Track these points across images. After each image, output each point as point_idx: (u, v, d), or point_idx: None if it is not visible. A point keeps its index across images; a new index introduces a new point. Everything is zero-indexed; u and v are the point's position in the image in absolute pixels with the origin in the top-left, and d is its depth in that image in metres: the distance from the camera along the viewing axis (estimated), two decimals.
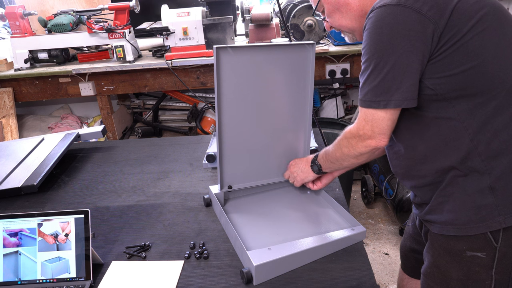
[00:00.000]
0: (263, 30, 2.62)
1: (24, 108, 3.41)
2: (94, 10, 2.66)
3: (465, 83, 0.93)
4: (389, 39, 0.93)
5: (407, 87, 0.94)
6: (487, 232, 0.98)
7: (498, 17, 0.95)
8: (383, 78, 0.95)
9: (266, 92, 1.28)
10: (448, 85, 0.94)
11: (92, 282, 1.07)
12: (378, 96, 0.97)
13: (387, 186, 2.53)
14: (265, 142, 1.35)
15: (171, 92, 3.19)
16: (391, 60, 0.93)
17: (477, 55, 0.92)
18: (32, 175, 1.56)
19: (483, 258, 1.00)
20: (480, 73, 0.93)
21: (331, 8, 1.14)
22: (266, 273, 1.04)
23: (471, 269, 1.02)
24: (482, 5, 0.93)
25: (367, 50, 0.97)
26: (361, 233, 1.18)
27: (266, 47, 1.23)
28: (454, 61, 0.92)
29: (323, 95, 3.28)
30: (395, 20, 0.92)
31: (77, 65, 2.78)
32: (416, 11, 0.90)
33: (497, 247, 0.99)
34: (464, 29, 0.91)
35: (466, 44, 0.91)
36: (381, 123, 1.00)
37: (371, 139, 1.02)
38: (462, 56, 0.92)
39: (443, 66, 0.93)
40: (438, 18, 0.90)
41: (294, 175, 1.36)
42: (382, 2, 0.95)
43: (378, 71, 0.95)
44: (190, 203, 1.43)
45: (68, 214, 1.10)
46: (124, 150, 1.91)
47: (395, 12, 0.92)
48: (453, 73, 0.93)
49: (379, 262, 2.40)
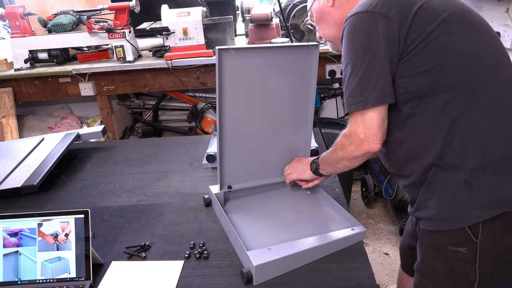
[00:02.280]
0: (263, 30, 2.62)
1: (24, 108, 3.41)
2: (94, 10, 2.66)
3: (431, 81, 0.99)
4: (361, 43, 1.01)
5: (382, 85, 1.00)
6: (466, 227, 1.00)
7: (463, 18, 1.02)
8: (360, 80, 1.01)
9: (267, 93, 1.28)
10: (417, 83, 1.00)
11: (92, 282, 1.07)
12: (357, 98, 1.02)
13: (387, 186, 2.53)
14: (266, 142, 1.35)
15: (171, 92, 3.19)
16: (365, 63, 1.00)
17: (441, 54, 0.98)
18: (32, 175, 1.56)
19: (465, 253, 1.02)
20: (445, 71, 0.98)
21: (318, 16, 1.22)
22: (266, 273, 1.04)
23: (455, 264, 1.04)
24: (445, 8, 1.00)
25: (344, 57, 1.05)
26: (361, 233, 1.18)
27: (269, 49, 1.23)
28: (420, 60, 0.99)
29: (323, 95, 3.28)
30: (365, 26, 1.01)
31: (77, 65, 2.78)
32: (383, 15, 0.99)
33: (477, 242, 1.00)
34: (428, 29, 0.98)
35: (430, 43, 0.98)
36: (371, 123, 1.03)
37: (365, 142, 1.05)
38: (427, 55, 0.98)
39: (411, 65, 1.00)
40: (403, 21, 0.98)
41: (292, 169, 1.37)
42: (354, 11, 1.04)
43: (355, 75, 1.02)
44: (190, 203, 1.43)
45: (68, 214, 1.10)
46: (124, 150, 1.91)
47: (365, 18, 1.01)
48: (420, 71, 0.99)
49: (379, 262, 2.40)
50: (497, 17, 2.13)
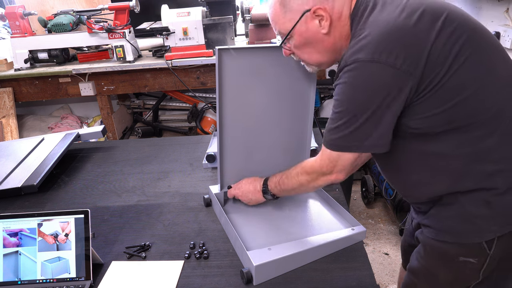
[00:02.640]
0: (263, 30, 2.62)
1: (24, 108, 3.41)
2: (94, 10, 2.66)
3: (448, 119, 0.94)
4: (364, 97, 0.94)
5: (378, 136, 0.96)
6: (482, 242, 1.00)
7: (475, 43, 0.94)
8: (355, 129, 0.96)
9: (267, 93, 1.28)
10: (432, 123, 0.95)
11: (92, 282, 1.07)
12: (348, 142, 0.99)
13: (387, 186, 2.53)
14: (266, 142, 1.35)
15: (171, 92, 3.19)
16: (364, 116, 0.94)
17: (457, 93, 0.92)
18: (32, 175, 1.56)
19: (474, 263, 1.02)
20: (463, 108, 0.93)
21: (302, 40, 1.07)
22: (266, 273, 1.04)
23: (461, 272, 1.05)
24: (456, 38, 0.91)
25: (341, 104, 0.97)
26: (361, 233, 1.18)
27: (269, 49, 1.23)
28: (435, 103, 0.93)
29: (323, 95, 3.28)
30: (370, 78, 0.92)
31: (77, 65, 2.78)
32: (390, 66, 0.89)
33: (489, 253, 1.01)
34: (442, 71, 0.91)
35: (445, 85, 0.91)
36: (345, 163, 1.03)
37: (331, 174, 1.06)
38: (442, 97, 0.92)
39: (423, 108, 0.94)
40: (413, 69, 0.90)
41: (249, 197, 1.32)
42: (355, 56, 0.93)
43: (350, 124, 0.96)
44: (190, 203, 1.43)
45: (68, 214, 1.10)
46: (124, 150, 1.91)
47: (370, 69, 0.91)
48: (435, 113, 0.94)
49: (379, 262, 2.40)
50: (497, 17, 2.13)
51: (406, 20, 0.91)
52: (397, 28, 0.90)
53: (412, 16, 0.91)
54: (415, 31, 0.90)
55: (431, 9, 0.93)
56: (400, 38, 0.90)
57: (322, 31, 1.03)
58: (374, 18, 0.95)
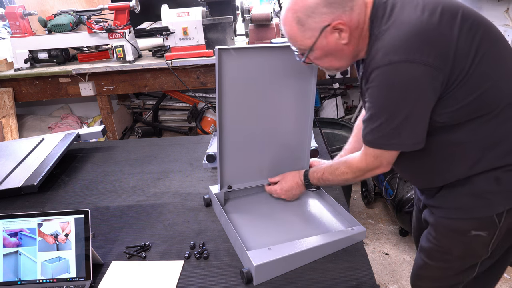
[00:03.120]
0: (263, 30, 2.62)
1: (24, 108, 3.41)
2: (94, 10, 2.66)
3: (472, 111, 1.01)
4: (401, 95, 0.98)
5: (418, 133, 1.02)
6: (493, 215, 1.09)
7: (490, 37, 1.01)
8: (395, 127, 1.01)
9: (267, 93, 1.28)
10: (457, 115, 1.02)
11: (92, 282, 1.07)
12: (390, 140, 1.04)
13: (387, 186, 2.53)
14: (266, 142, 1.35)
15: (171, 92, 3.19)
16: (402, 114, 0.99)
17: (480, 85, 0.99)
18: (32, 175, 1.56)
19: (484, 237, 1.12)
20: (484, 98, 1.00)
21: (323, 53, 1.08)
22: (266, 273, 1.04)
23: (471, 246, 1.15)
24: (474, 34, 0.97)
25: (377, 105, 1.02)
26: (361, 233, 1.18)
27: (269, 49, 1.23)
28: (461, 96, 0.99)
29: (323, 95, 3.28)
30: (405, 77, 0.96)
31: (77, 65, 2.78)
32: (423, 64, 0.94)
33: (499, 227, 1.10)
34: (466, 65, 0.97)
35: (469, 78, 0.97)
36: (390, 158, 1.09)
37: (379, 168, 1.12)
38: (467, 90, 0.98)
39: (449, 102, 1.00)
40: (443, 65, 0.95)
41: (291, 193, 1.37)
42: (388, 58, 0.96)
43: (389, 122, 1.01)
44: (190, 203, 1.43)
45: (68, 214, 1.10)
46: (124, 150, 1.91)
47: (404, 69, 0.95)
48: (461, 106, 1.00)
49: (379, 262, 2.40)
50: (497, 17, 2.13)
51: (430, 18, 0.95)
52: (423, 28, 0.94)
53: (434, 14, 0.96)
54: (440, 29, 0.95)
55: (448, 7, 0.98)
56: (429, 37, 0.94)
57: (342, 42, 1.04)
58: (397, 17, 0.98)
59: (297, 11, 1.02)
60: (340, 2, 1.00)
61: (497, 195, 1.07)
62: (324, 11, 1.00)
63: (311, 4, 1.00)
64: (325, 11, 1.00)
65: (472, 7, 1.05)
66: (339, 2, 1.00)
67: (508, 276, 2.20)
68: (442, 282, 1.26)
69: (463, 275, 1.23)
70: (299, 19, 1.02)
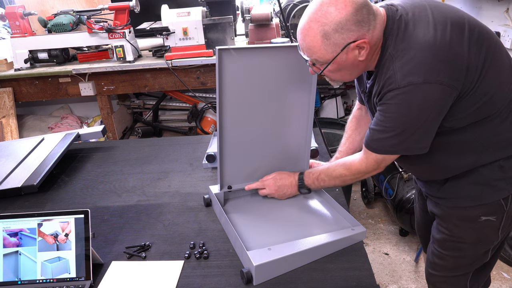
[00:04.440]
0: (263, 30, 2.62)
1: (24, 108, 3.41)
2: (94, 10, 2.66)
3: (477, 116, 1.08)
4: (417, 115, 1.04)
5: (425, 141, 1.09)
6: (500, 199, 1.17)
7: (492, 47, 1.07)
8: (405, 139, 1.08)
9: (267, 93, 1.28)
10: (463, 120, 1.09)
11: (92, 282, 1.07)
12: (395, 148, 1.11)
13: (387, 186, 2.53)
14: (266, 142, 1.35)
15: (171, 92, 3.19)
16: (415, 128, 1.06)
17: (485, 93, 1.05)
18: (32, 175, 1.56)
19: (493, 221, 1.20)
20: (489, 105, 1.07)
21: (338, 67, 1.10)
22: (266, 273, 1.04)
23: (483, 232, 1.23)
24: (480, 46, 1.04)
25: (392, 120, 1.07)
26: (361, 233, 1.18)
27: (269, 49, 1.23)
28: (468, 104, 1.06)
29: (323, 95, 3.28)
30: (423, 97, 1.01)
31: (77, 65, 2.78)
32: (439, 84, 1.00)
33: (506, 210, 1.18)
34: (475, 78, 1.03)
35: (476, 89, 1.04)
36: (389, 161, 1.17)
37: (376, 170, 1.19)
38: (474, 98, 1.05)
39: (458, 110, 1.06)
40: (457, 83, 1.02)
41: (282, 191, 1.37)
42: (407, 80, 1.00)
43: (400, 135, 1.07)
44: (190, 203, 1.43)
45: (68, 214, 1.10)
46: (124, 150, 1.91)
47: (423, 90, 1.00)
48: (468, 113, 1.07)
49: (379, 262, 2.40)
50: (497, 17, 2.13)
51: (443, 38, 1.01)
52: (438, 49, 1.00)
53: (445, 31, 1.02)
54: (453, 47, 1.01)
55: (455, 21, 1.04)
56: (444, 57, 1.00)
57: (360, 59, 1.07)
58: (412, 37, 1.03)
59: (325, 24, 1.02)
60: (366, 21, 1.02)
61: (501, 181, 1.15)
62: (353, 28, 1.01)
63: (341, 20, 1.00)
64: (353, 29, 1.02)
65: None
66: (366, 21, 1.02)
67: (508, 276, 2.20)
68: (457, 270, 1.34)
69: (477, 262, 1.31)
70: (326, 32, 1.02)
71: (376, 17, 1.04)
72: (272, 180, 1.37)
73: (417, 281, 2.24)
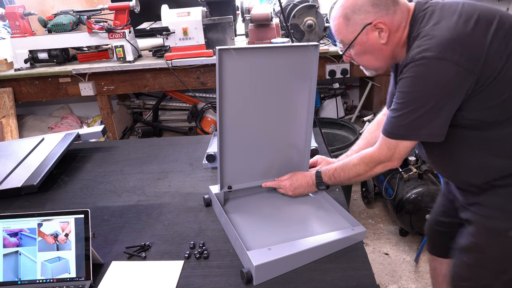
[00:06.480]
0: (263, 30, 2.62)
1: (24, 108, 3.41)
2: (94, 10, 2.66)
3: (501, 111, 1.06)
4: (429, 90, 1.04)
5: (436, 126, 1.08)
6: None
7: None
8: (416, 118, 1.07)
9: (267, 93, 1.28)
10: (486, 114, 1.07)
11: (92, 282, 1.07)
12: (407, 131, 1.10)
13: (387, 186, 2.53)
14: (266, 142, 1.35)
15: (171, 92, 3.19)
16: (426, 106, 1.05)
17: (508, 87, 1.03)
18: (32, 175, 1.56)
19: None
20: None
21: (362, 49, 1.18)
22: (266, 273, 1.04)
23: (508, 247, 1.16)
24: (508, 40, 1.02)
25: (405, 95, 1.08)
26: (361, 233, 1.18)
27: (269, 49, 1.23)
28: (489, 96, 1.04)
29: (323, 95, 3.28)
30: (436, 74, 1.02)
31: (77, 65, 2.78)
32: (455, 64, 1.00)
33: None
34: (497, 69, 1.02)
35: (499, 81, 1.02)
36: (403, 151, 1.15)
37: (390, 162, 1.18)
38: (496, 91, 1.03)
39: (480, 101, 1.05)
40: (473, 67, 1.00)
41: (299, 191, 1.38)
42: (422, 54, 1.03)
43: (412, 113, 1.07)
44: (190, 203, 1.43)
45: (68, 214, 1.10)
46: (124, 150, 1.91)
47: (436, 65, 1.01)
48: (490, 105, 1.05)
49: (379, 262, 2.40)
50: None
51: (464, 26, 1.02)
52: (457, 33, 1.01)
53: (468, 22, 1.03)
54: (473, 35, 1.01)
55: (485, 14, 1.05)
56: (461, 40, 1.01)
57: (381, 42, 1.15)
58: (435, 23, 1.06)
59: (346, 7, 1.14)
60: (385, 4, 1.11)
61: None
62: (370, 9, 1.12)
63: (359, 2, 1.12)
64: (370, 10, 1.12)
65: None
66: (384, 4, 1.11)
67: None
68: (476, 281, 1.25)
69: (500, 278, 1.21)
70: (346, 14, 1.14)
71: (397, 4, 1.11)
72: (288, 182, 1.38)
73: (417, 281, 2.24)
